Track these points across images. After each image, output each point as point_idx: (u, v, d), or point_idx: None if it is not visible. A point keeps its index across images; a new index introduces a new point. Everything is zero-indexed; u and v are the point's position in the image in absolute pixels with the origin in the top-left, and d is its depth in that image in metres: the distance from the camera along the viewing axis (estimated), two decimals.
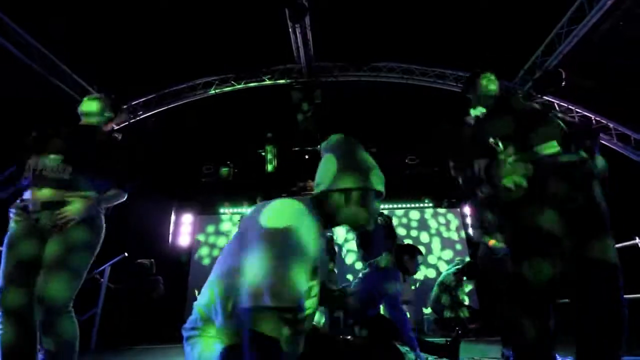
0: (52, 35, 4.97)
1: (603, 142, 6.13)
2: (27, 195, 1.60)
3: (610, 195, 1.35)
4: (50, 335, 1.44)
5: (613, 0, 4.37)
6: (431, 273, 6.95)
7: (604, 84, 5.31)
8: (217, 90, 6.51)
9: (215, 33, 5.30)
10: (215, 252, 7.19)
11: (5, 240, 1.57)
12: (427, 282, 6.84)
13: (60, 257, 1.50)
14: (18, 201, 1.62)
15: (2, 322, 1.45)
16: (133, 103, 6.49)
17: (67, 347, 1.47)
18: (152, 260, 5.59)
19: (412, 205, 7.78)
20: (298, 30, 5.38)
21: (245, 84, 6.50)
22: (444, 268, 6.30)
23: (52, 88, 5.34)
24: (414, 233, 7.35)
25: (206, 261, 7.12)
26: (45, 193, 1.56)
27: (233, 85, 6.51)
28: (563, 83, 5.18)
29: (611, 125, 6.15)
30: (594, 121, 6.19)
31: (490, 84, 1.67)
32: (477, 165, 1.43)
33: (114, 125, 2.04)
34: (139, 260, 5.42)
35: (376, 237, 3.07)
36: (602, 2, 4.44)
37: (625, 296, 1.23)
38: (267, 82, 6.51)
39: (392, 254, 2.74)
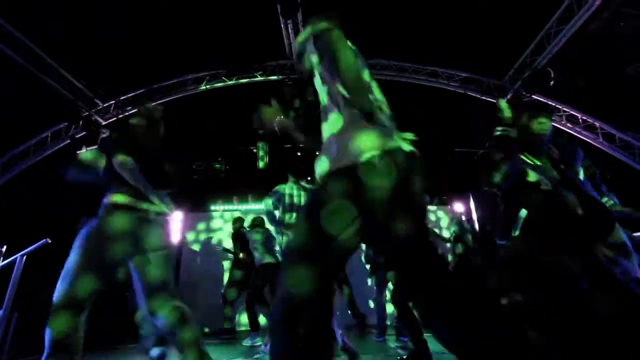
0: (37, 29, 4.83)
1: (589, 140, 6.25)
2: None
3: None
4: None
5: (601, 1, 4.44)
6: None
7: (591, 83, 5.41)
8: (207, 86, 6.43)
9: (207, 28, 5.23)
10: (206, 250, 7.12)
11: None
12: None
13: None
14: None
15: None
16: (122, 98, 6.38)
17: None
18: None
19: None
20: (290, 26, 5.33)
21: (236, 79, 6.43)
22: None
23: (37, 83, 5.21)
24: None
25: (197, 259, 7.04)
26: None
27: (224, 81, 6.43)
28: (551, 82, 5.26)
29: (597, 124, 6.26)
30: (580, 120, 6.30)
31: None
32: None
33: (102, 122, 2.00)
34: None
35: None
36: (591, 2, 4.51)
37: None
38: (259, 78, 6.45)
39: None
